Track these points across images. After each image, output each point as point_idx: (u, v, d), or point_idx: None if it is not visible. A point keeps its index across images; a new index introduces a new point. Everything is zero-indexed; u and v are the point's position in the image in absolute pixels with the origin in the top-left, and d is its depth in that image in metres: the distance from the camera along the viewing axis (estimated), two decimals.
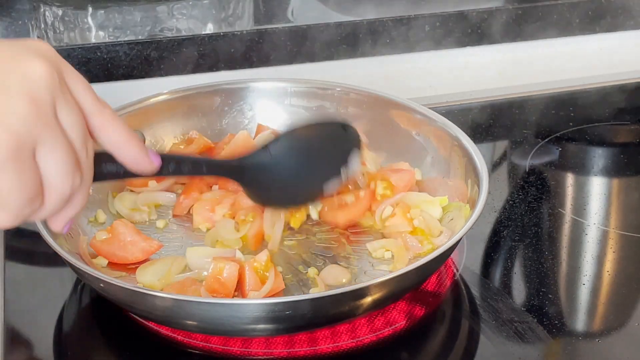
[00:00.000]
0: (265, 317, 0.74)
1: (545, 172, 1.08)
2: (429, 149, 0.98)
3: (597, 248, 0.94)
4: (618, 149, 1.15)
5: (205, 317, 0.75)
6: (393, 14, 1.21)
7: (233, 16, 1.21)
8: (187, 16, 1.20)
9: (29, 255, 0.92)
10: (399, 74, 1.23)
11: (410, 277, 0.78)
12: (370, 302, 0.77)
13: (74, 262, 0.77)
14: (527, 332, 0.81)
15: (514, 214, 0.99)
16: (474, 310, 0.85)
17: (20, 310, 0.84)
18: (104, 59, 1.11)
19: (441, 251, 0.79)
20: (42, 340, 0.81)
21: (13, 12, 1.14)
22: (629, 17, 1.30)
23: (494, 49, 1.27)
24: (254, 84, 1.05)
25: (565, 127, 1.17)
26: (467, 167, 0.91)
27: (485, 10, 1.24)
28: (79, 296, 0.86)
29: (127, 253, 0.86)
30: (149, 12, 1.19)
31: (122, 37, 1.15)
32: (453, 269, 0.89)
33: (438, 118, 0.97)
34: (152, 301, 0.75)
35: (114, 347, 0.82)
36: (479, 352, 0.80)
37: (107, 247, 0.86)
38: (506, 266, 0.91)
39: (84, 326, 0.84)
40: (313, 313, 0.75)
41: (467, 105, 1.22)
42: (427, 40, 1.23)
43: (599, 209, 1.02)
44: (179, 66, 1.14)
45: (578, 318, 0.85)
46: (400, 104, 1.01)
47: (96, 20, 1.17)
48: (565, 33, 1.29)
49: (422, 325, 0.83)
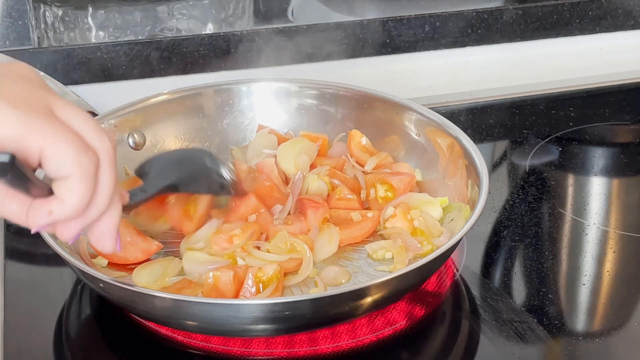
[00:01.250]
0: (265, 318, 0.74)
1: (545, 172, 1.08)
2: (429, 150, 0.98)
3: (597, 248, 0.94)
4: (618, 149, 1.15)
5: (205, 318, 0.75)
6: (393, 14, 1.21)
7: (233, 16, 1.21)
8: (187, 16, 1.20)
9: (29, 255, 0.92)
10: (399, 74, 1.23)
11: (411, 278, 0.78)
12: (370, 303, 0.77)
13: (74, 263, 0.77)
14: (527, 332, 0.81)
15: (514, 214, 0.99)
16: (474, 311, 0.85)
17: (20, 310, 0.84)
18: (104, 59, 1.11)
19: (441, 251, 0.79)
20: (43, 340, 0.81)
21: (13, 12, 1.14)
22: (629, 17, 1.31)
23: (494, 49, 1.27)
24: (255, 84, 1.05)
25: (565, 127, 1.17)
26: (467, 168, 0.91)
27: (485, 10, 1.24)
28: (79, 296, 0.86)
29: (127, 253, 0.86)
30: (149, 12, 1.19)
31: (122, 37, 1.15)
32: (453, 269, 0.89)
33: (438, 118, 0.97)
34: (152, 301, 0.75)
35: (114, 347, 0.82)
36: (479, 352, 0.80)
37: None
38: (506, 266, 0.91)
39: (84, 326, 0.84)
40: (313, 313, 0.75)
41: (467, 105, 1.22)
42: (427, 40, 1.23)
43: (599, 209, 1.02)
44: (179, 66, 1.14)
45: (578, 318, 0.85)
46: (400, 104, 1.01)
47: (96, 20, 1.17)
48: (565, 33, 1.29)
49: (422, 325, 0.83)
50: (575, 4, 1.27)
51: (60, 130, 0.59)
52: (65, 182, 0.60)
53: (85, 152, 0.60)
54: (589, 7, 1.28)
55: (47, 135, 0.58)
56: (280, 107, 1.04)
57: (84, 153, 0.60)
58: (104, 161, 0.61)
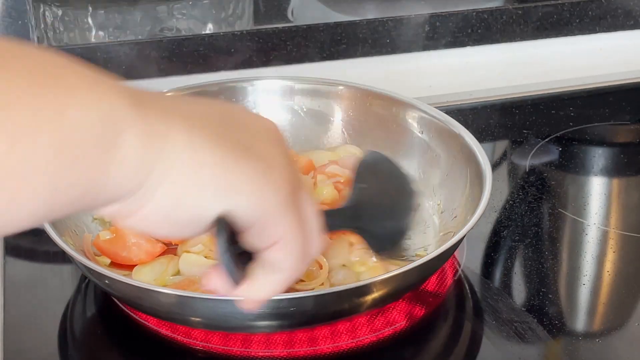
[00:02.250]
0: (269, 314, 0.74)
1: (545, 172, 1.08)
2: (432, 147, 0.97)
3: (597, 248, 0.94)
4: (618, 149, 1.15)
5: (209, 314, 0.75)
6: (393, 14, 1.21)
7: (233, 16, 1.21)
8: (187, 16, 1.20)
9: (30, 252, 0.92)
10: (399, 74, 1.23)
11: (412, 276, 0.78)
12: (371, 300, 0.77)
13: (80, 259, 0.77)
14: (527, 332, 0.81)
15: (514, 214, 0.99)
16: (474, 311, 0.85)
17: (21, 310, 0.84)
18: (104, 59, 1.11)
19: (442, 250, 0.79)
20: (45, 340, 0.81)
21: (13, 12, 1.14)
22: (629, 17, 1.30)
23: (494, 49, 1.27)
24: (258, 82, 1.05)
25: (565, 127, 1.17)
26: (470, 166, 0.91)
27: (485, 10, 1.24)
28: (83, 295, 0.86)
29: (130, 254, 0.86)
30: (149, 12, 1.19)
31: (122, 37, 1.15)
32: (453, 269, 0.89)
33: (442, 116, 0.97)
34: (158, 298, 0.75)
35: (114, 346, 0.82)
36: (479, 352, 0.80)
37: (110, 247, 0.86)
38: (506, 266, 0.91)
39: (87, 326, 0.84)
40: (316, 310, 0.75)
41: (467, 105, 1.22)
42: (427, 40, 1.23)
43: (599, 209, 1.02)
44: (179, 66, 1.14)
45: (578, 318, 0.85)
46: (404, 101, 1.01)
47: (96, 20, 1.17)
48: (565, 33, 1.29)
49: (422, 326, 0.83)
50: (575, 4, 1.27)
51: (298, 228, 0.54)
52: (271, 273, 0.56)
53: (305, 259, 0.56)
54: (589, 7, 1.28)
55: (287, 231, 0.54)
56: (283, 105, 1.04)
57: (305, 260, 0.56)
58: (311, 259, 0.58)
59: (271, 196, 0.52)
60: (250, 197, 0.52)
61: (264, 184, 0.52)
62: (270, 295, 0.57)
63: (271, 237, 0.54)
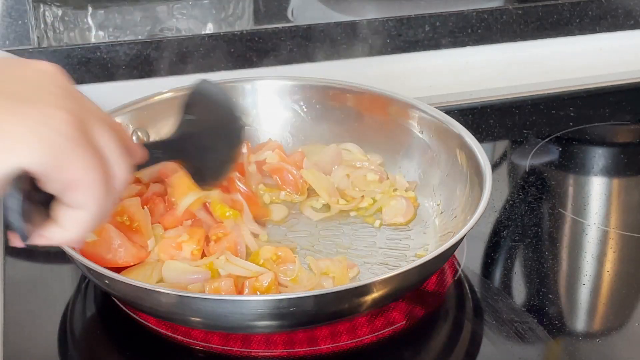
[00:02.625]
0: (270, 314, 0.75)
1: (545, 172, 1.08)
2: (432, 147, 0.98)
3: (597, 248, 0.94)
4: (618, 149, 1.15)
5: (210, 314, 0.76)
6: (393, 14, 1.21)
7: (233, 16, 1.21)
8: (187, 16, 1.20)
9: (30, 252, 0.92)
10: (399, 74, 1.23)
11: (412, 276, 0.79)
12: (371, 300, 0.77)
13: (80, 259, 0.77)
14: (527, 332, 0.81)
15: (514, 214, 0.99)
16: (474, 311, 0.85)
17: (21, 310, 0.84)
18: (104, 59, 1.11)
19: (442, 250, 0.79)
20: (45, 340, 0.81)
21: (13, 12, 1.14)
22: (629, 17, 1.30)
23: (494, 49, 1.27)
24: (258, 82, 1.05)
25: (565, 127, 1.17)
26: (470, 166, 0.91)
27: (485, 10, 1.24)
28: (83, 295, 0.86)
29: (116, 257, 0.84)
30: (149, 12, 1.19)
31: (122, 37, 1.15)
32: (453, 269, 0.89)
33: (442, 116, 0.97)
34: (157, 298, 0.75)
35: (114, 346, 0.82)
36: (479, 352, 0.80)
37: (94, 250, 0.83)
38: (506, 266, 0.91)
39: (87, 326, 0.84)
40: (316, 310, 0.75)
41: (467, 105, 1.22)
42: (427, 40, 1.23)
43: (599, 209, 1.02)
44: (179, 66, 1.14)
45: (578, 318, 0.85)
46: (404, 102, 1.01)
47: (96, 20, 1.17)
48: (565, 33, 1.29)
49: (422, 326, 0.83)
50: (575, 4, 1.27)
51: (92, 164, 0.57)
52: (76, 213, 0.58)
53: (108, 194, 0.58)
54: (589, 7, 1.28)
55: (80, 170, 0.56)
56: (284, 105, 1.04)
57: (107, 195, 0.58)
58: (117, 190, 0.60)
59: (55, 141, 0.54)
60: (33, 147, 0.54)
61: (46, 131, 0.54)
62: (79, 233, 0.59)
63: (67, 179, 0.56)
